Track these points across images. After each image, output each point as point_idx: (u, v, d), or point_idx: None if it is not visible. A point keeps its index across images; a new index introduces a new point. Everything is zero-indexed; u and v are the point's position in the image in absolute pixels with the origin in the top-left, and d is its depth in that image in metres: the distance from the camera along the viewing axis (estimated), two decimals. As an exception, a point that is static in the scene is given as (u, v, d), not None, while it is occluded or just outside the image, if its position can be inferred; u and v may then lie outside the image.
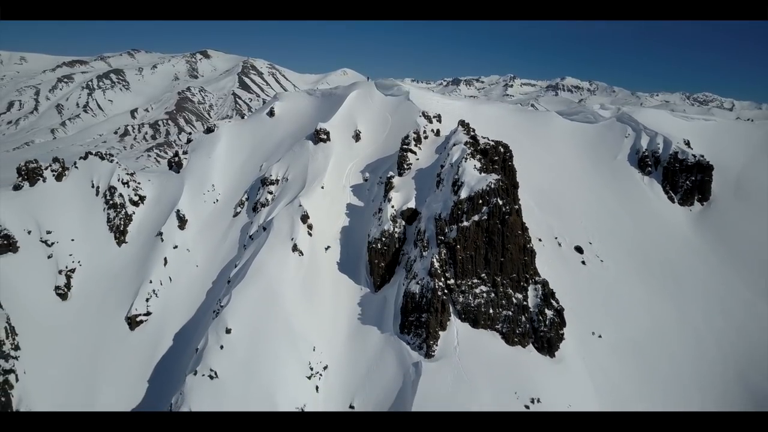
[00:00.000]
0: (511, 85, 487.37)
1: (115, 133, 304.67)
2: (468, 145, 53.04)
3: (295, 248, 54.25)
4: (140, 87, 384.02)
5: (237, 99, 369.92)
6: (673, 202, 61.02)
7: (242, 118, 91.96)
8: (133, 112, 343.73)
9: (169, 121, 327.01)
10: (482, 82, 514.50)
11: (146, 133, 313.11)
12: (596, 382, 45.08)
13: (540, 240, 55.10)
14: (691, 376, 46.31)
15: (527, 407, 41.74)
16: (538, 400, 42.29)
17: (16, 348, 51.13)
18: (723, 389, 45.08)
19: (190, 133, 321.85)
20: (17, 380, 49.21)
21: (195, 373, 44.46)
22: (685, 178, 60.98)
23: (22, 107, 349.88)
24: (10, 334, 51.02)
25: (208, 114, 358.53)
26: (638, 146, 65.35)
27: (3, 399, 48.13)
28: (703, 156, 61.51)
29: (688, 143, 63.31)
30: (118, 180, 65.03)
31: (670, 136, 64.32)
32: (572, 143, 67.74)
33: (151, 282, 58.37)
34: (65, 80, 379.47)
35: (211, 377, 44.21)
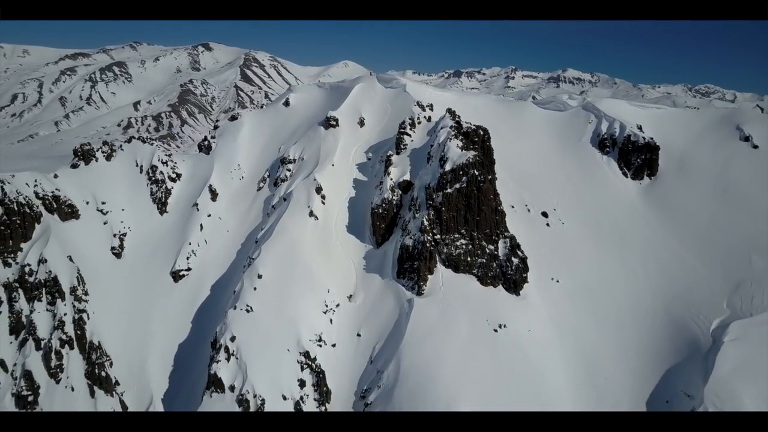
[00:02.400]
0: (513, 77, 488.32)
1: (119, 125, 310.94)
2: (453, 129, 64.80)
3: (311, 214, 66.25)
4: (143, 80, 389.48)
5: (239, 91, 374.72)
6: (627, 176, 72.80)
7: (243, 109, 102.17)
8: (136, 105, 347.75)
9: (172, 114, 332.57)
10: (484, 74, 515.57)
11: (149, 125, 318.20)
12: (551, 315, 57.21)
13: (513, 207, 66.98)
14: (628, 310, 58.31)
15: (495, 331, 53.80)
16: (505, 326, 54.40)
17: (86, 294, 62.85)
18: (652, 319, 57.06)
19: (191, 127, 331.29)
20: (88, 318, 60.97)
21: (235, 308, 56.31)
22: (637, 157, 72.68)
23: (26, 100, 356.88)
24: (80, 283, 62.78)
25: (211, 106, 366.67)
26: (599, 130, 77.10)
27: (79, 332, 60.04)
28: (652, 138, 73.19)
29: (640, 128, 74.95)
30: (158, 160, 76.66)
31: (626, 122, 76.01)
32: (544, 128, 79.47)
33: (190, 244, 70.11)
34: (68, 73, 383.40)
35: (247, 311, 56.06)
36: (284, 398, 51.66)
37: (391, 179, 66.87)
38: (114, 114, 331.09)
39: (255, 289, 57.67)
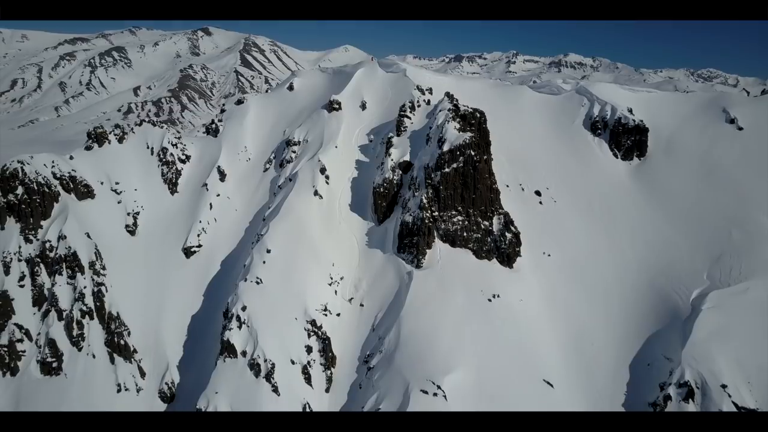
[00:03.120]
0: (514, 62, 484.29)
1: (119, 110, 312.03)
2: (450, 111, 68.04)
3: (316, 193, 69.77)
4: (142, 65, 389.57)
5: (239, 76, 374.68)
6: (617, 157, 76.14)
7: (243, 94, 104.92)
8: (135, 90, 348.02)
9: (172, 99, 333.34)
10: (485, 58, 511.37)
11: (149, 110, 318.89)
12: (542, 286, 61.03)
13: (507, 186, 70.46)
14: (614, 282, 62.07)
15: (489, 300, 57.64)
16: (498, 296, 58.24)
17: (103, 268, 66.46)
18: (637, 290, 60.84)
19: (192, 112, 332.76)
20: (107, 291, 64.71)
21: (245, 280, 59.98)
22: (627, 139, 75.95)
23: (26, 85, 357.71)
24: (98, 258, 66.43)
25: (211, 92, 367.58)
26: (591, 113, 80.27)
27: (98, 303, 63.83)
28: (642, 121, 76.41)
29: (630, 110, 78.09)
30: (168, 142, 79.91)
31: (617, 105, 79.14)
32: (539, 111, 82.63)
33: (200, 222, 73.61)
34: (67, 58, 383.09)
35: (257, 283, 59.73)
36: (292, 362, 55.58)
37: (392, 160, 70.29)
38: (114, 99, 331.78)
39: (264, 262, 61.30)
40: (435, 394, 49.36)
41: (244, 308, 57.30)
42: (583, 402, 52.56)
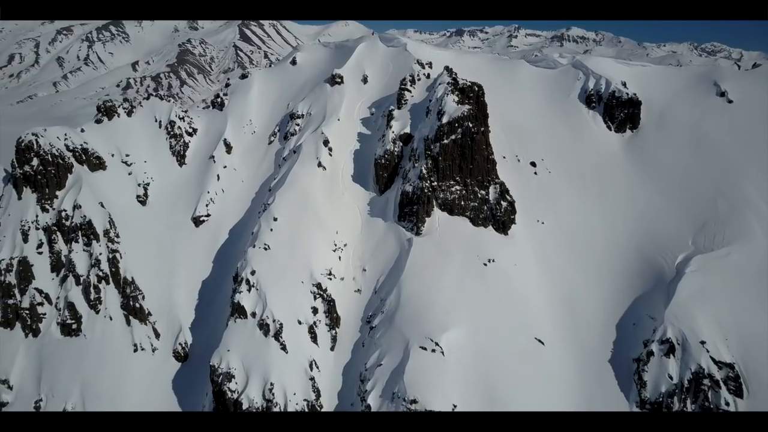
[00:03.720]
0: (516, 36, 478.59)
1: (118, 86, 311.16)
2: (450, 85, 70.37)
3: (319, 165, 72.54)
4: (140, 39, 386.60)
5: (238, 51, 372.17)
6: (610, 130, 78.59)
7: (243, 69, 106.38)
8: (134, 65, 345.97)
9: (171, 74, 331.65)
10: (486, 32, 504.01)
11: (148, 86, 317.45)
12: (536, 252, 64.30)
13: (504, 157, 73.13)
14: (604, 248, 65.26)
15: (485, 264, 60.94)
16: (493, 261, 61.54)
17: (117, 236, 69.60)
18: (625, 256, 64.08)
19: (191, 88, 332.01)
20: (121, 257, 67.96)
21: (254, 246, 63.11)
22: (620, 111, 78.30)
23: (23, 60, 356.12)
24: (111, 226, 69.50)
25: (210, 67, 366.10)
26: (586, 87, 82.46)
27: (113, 269, 67.12)
28: (635, 94, 78.66)
29: (624, 84, 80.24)
30: (176, 116, 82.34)
31: (611, 78, 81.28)
32: (535, 85, 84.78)
33: (208, 192, 76.50)
34: (64, 33, 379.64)
35: (265, 249, 62.87)
36: (299, 323, 59.10)
37: (393, 132, 72.92)
38: (112, 75, 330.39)
39: (271, 230, 64.39)
40: (433, 350, 52.99)
41: (253, 272, 60.54)
42: (572, 358, 56.25)
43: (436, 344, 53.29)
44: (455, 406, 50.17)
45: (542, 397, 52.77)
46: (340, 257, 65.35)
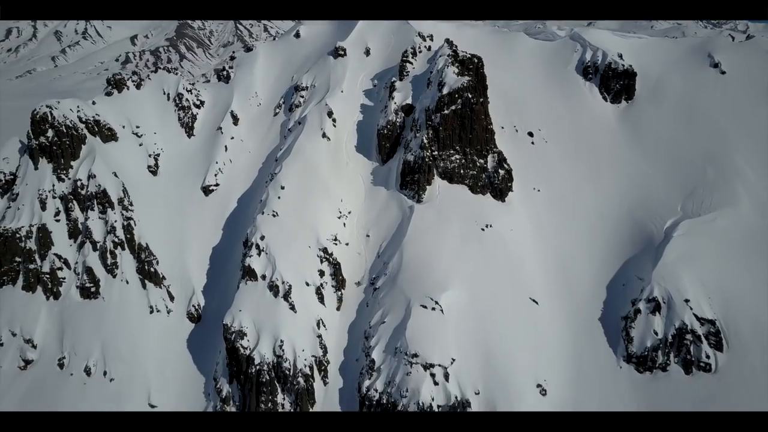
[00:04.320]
0: None
1: (117, 60, 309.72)
2: (450, 57, 72.50)
3: (324, 135, 75.17)
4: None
5: (238, 25, 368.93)
6: (606, 100, 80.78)
7: (242, 43, 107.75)
8: (133, 39, 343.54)
9: (170, 48, 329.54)
10: None
11: (147, 60, 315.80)
12: (531, 218, 67.40)
13: (502, 128, 75.64)
14: (597, 214, 68.18)
15: (483, 229, 64.06)
16: (490, 226, 64.67)
17: (131, 204, 72.51)
18: (617, 221, 67.03)
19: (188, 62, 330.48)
20: (135, 224, 71.02)
21: (263, 213, 66.18)
22: (616, 83, 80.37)
23: (21, 34, 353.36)
24: (125, 195, 72.44)
25: (209, 41, 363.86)
26: (584, 59, 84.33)
27: (128, 235, 70.28)
28: (631, 65, 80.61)
29: (620, 56, 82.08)
30: (183, 88, 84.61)
31: (608, 50, 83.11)
32: (534, 57, 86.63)
33: (216, 163, 79.20)
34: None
35: (273, 215, 65.90)
36: (307, 284, 62.48)
37: (395, 103, 75.35)
38: (111, 49, 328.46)
39: (279, 198, 67.35)
40: (433, 309, 56.48)
41: (262, 237, 63.71)
42: (564, 316, 59.76)
43: (436, 303, 56.73)
44: (454, 360, 53.88)
45: (535, 352, 56.46)
46: (344, 224, 68.45)
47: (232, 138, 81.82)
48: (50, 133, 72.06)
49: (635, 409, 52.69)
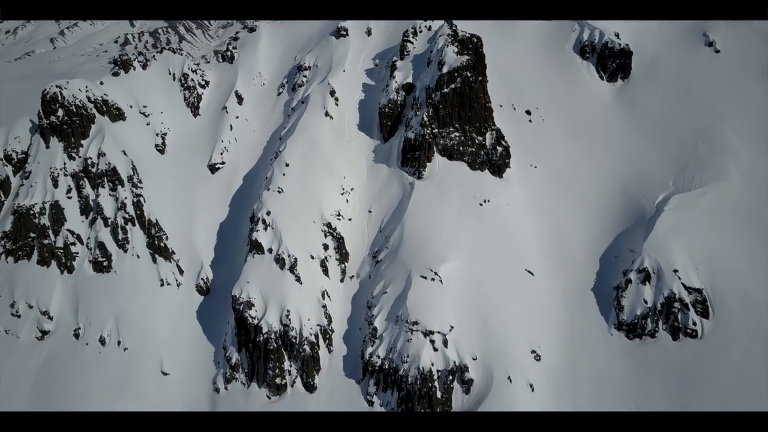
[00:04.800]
0: None
1: (116, 42, 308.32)
2: (450, 37, 74.08)
3: (326, 114, 77.11)
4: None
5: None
6: (602, 79, 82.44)
7: (242, 24, 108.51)
8: (132, 21, 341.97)
9: (169, 30, 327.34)
10: None
11: (147, 41, 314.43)
12: (528, 193, 69.65)
13: (501, 106, 77.48)
14: (592, 190, 70.29)
15: (481, 204, 66.38)
16: (488, 201, 66.96)
17: (140, 182, 74.80)
18: (611, 196, 69.20)
19: (184, 44, 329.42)
20: (144, 201, 73.36)
21: (269, 190, 68.47)
22: (612, 62, 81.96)
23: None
24: (134, 173, 74.68)
25: (209, 22, 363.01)
26: (581, 38, 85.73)
27: (138, 212, 72.64)
28: (627, 45, 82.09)
29: (617, 35, 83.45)
30: (188, 69, 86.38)
31: (606, 30, 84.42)
32: (532, 37, 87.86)
33: (222, 141, 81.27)
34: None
35: (278, 192, 68.21)
36: (312, 258, 65.02)
37: (396, 82, 77.18)
38: (110, 30, 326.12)
39: (284, 175, 69.60)
40: (432, 279, 59.08)
41: (268, 213, 66.12)
42: (559, 287, 62.34)
43: (436, 274, 59.30)
44: (452, 327, 56.64)
45: (530, 320, 59.16)
46: (347, 200, 70.76)
47: (237, 117, 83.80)
48: (60, 112, 74.12)
49: (624, 373, 55.54)
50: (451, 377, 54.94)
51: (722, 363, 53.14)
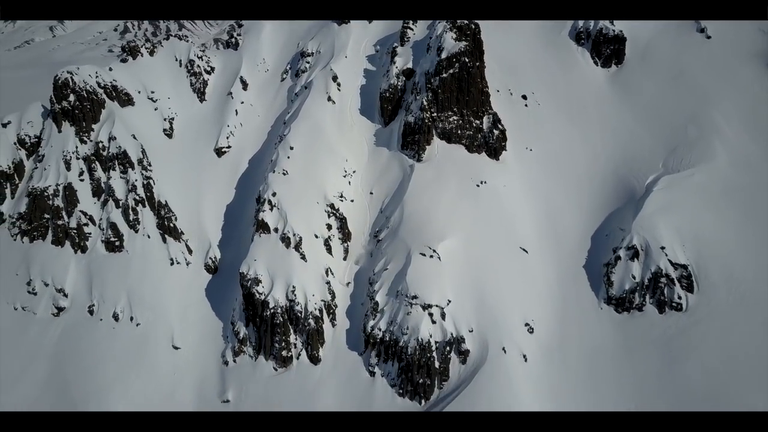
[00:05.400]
0: None
1: (115, 30, 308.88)
2: (448, 23, 76.30)
3: (329, 99, 79.61)
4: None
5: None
6: (597, 65, 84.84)
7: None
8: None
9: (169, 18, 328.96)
10: None
11: (146, 30, 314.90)
12: (523, 175, 72.45)
13: (498, 91, 79.95)
14: (585, 172, 72.98)
15: (478, 186, 69.17)
16: (485, 182, 69.74)
17: (149, 165, 77.50)
18: (603, 178, 71.89)
19: (183, 35, 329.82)
20: (154, 183, 76.13)
21: (274, 172, 71.16)
22: (607, 48, 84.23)
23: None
24: (144, 156, 77.36)
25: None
26: (576, 25, 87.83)
27: (148, 194, 75.41)
28: (621, 31, 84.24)
29: (612, 22, 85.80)
30: (194, 55, 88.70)
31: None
32: (529, 24, 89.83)
33: (228, 126, 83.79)
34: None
35: (283, 174, 70.85)
36: (316, 237, 67.89)
37: (396, 68, 79.62)
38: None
39: (288, 157, 72.26)
40: (431, 256, 62.02)
41: (274, 194, 68.84)
42: (552, 264, 65.34)
43: (434, 251, 62.23)
44: (450, 301, 59.70)
45: (524, 295, 62.22)
46: (349, 182, 73.52)
47: (242, 102, 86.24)
48: (72, 97, 76.54)
49: (613, 345, 58.71)
50: (448, 348, 58.08)
51: (705, 334, 56.24)
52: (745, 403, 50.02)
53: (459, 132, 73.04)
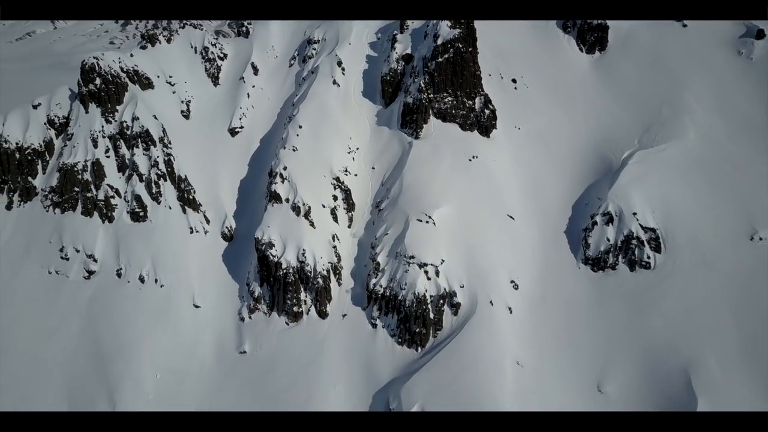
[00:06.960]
0: None
1: (117, 22, 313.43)
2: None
3: (334, 82, 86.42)
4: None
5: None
6: (582, 51, 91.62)
7: None
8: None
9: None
10: None
11: (148, 21, 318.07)
12: (512, 151, 79.47)
13: (489, 75, 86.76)
14: (569, 149, 79.96)
15: (470, 160, 76.22)
16: (477, 157, 76.78)
17: (170, 143, 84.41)
18: (584, 154, 78.87)
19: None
20: (174, 159, 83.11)
21: (284, 148, 78.08)
22: (591, 35, 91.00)
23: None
24: (165, 135, 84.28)
25: None
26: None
27: (169, 169, 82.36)
28: (605, 21, 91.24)
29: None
30: (209, 42, 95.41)
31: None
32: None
33: (240, 108, 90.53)
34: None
35: (293, 150, 77.71)
36: (323, 206, 74.93)
37: (396, 53, 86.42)
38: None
39: (297, 135, 79.11)
40: (427, 222, 69.13)
41: (285, 168, 75.72)
42: (536, 229, 72.56)
43: (430, 218, 69.35)
44: (443, 261, 66.90)
45: (510, 256, 69.44)
46: (353, 158, 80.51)
47: (253, 86, 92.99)
48: (98, 81, 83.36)
49: (589, 299, 66.01)
50: (442, 301, 65.36)
51: (669, 289, 63.58)
52: (699, 352, 57.29)
53: (453, 111, 79.98)
